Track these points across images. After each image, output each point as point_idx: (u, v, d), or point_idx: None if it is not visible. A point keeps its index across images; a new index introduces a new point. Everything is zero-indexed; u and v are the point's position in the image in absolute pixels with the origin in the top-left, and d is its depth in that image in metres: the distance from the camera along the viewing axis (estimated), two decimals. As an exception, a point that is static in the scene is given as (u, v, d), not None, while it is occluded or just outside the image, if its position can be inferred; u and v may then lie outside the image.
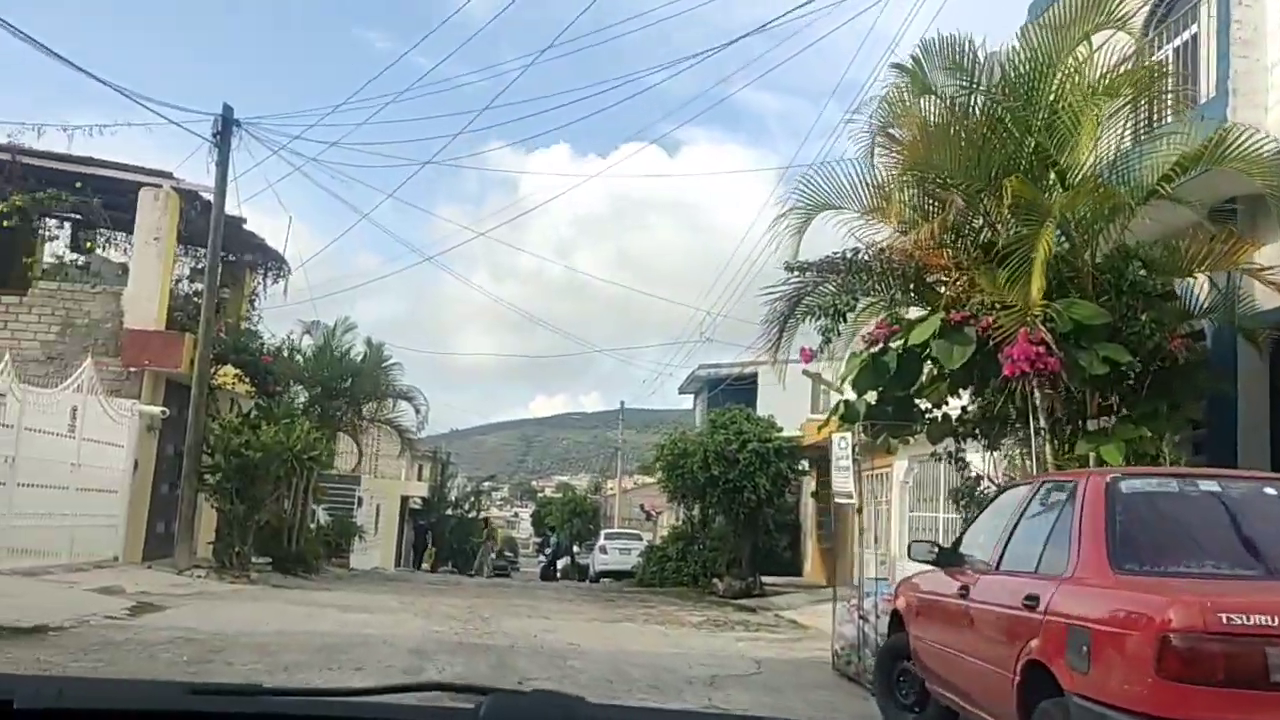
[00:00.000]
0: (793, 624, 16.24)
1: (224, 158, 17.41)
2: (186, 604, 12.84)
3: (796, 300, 10.12)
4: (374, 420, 22.53)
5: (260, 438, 17.10)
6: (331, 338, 21.32)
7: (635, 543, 33.23)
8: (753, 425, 23.28)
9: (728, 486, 22.70)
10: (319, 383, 21.25)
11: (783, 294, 10.11)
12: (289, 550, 20.97)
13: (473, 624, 13.02)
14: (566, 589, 25.33)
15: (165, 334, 17.48)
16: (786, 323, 10.23)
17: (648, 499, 68.30)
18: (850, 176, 10.29)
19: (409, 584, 21.89)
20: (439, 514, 49.34)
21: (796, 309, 10.17)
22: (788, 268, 10.08)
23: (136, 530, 17.48)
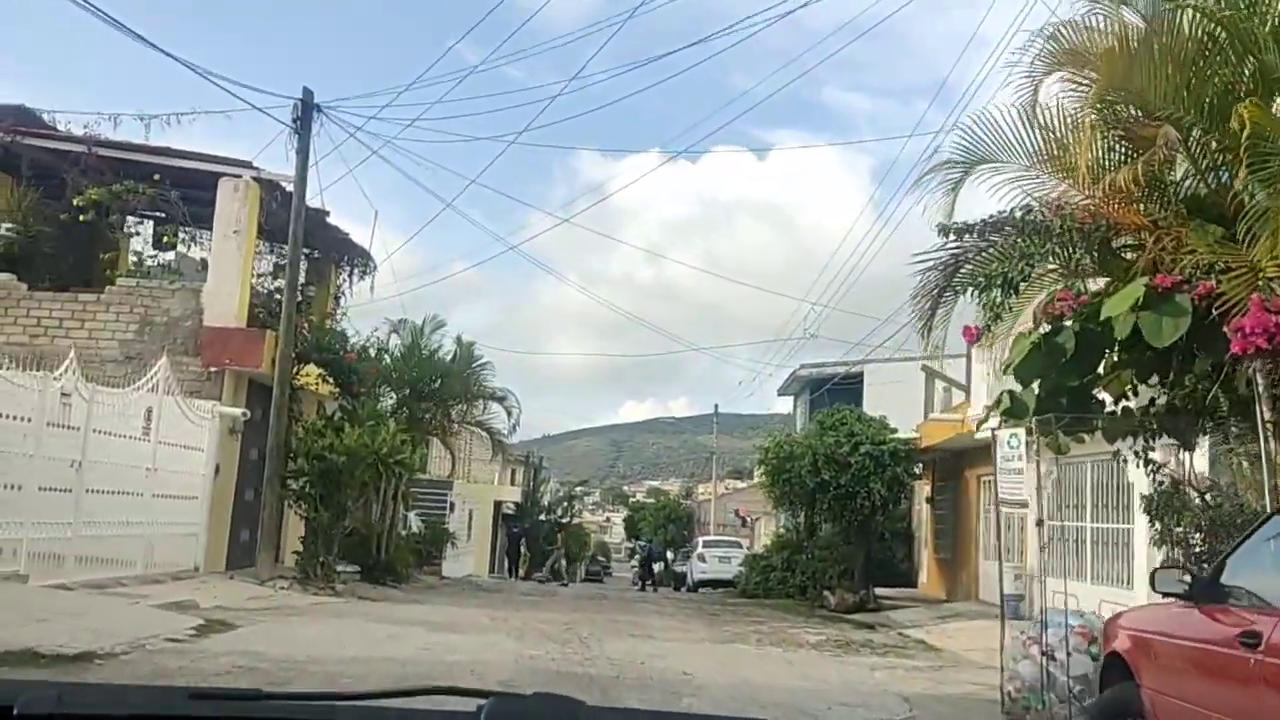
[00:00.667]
0: (924, 646, 14.37)
1: (304, 144, 16.30)
2: (260, 621, 11.60)
3: (954, 269, 8.37)
4: (464, 422, 21.30)
5: (344, 440, 15.92)
6: (419, 337, 20.15)
7: (735, 551, 31.51)
8: (865, 426, 21.43)
9: (839, 492, 20.89)
10: (407, 383, 20.08)
11: (936, 261, 8.36)
12: (377, 559, 19.81)
13: (571, 646, 11.52)
14: (666, 600, 23.76)
15: (246, 332, 16.42)
16: (941, 296, 8.48)
17: (742, 504, 66.41)
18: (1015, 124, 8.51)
19: (501, 595, 20.57)
20: (532, 519, 48.24)
21: (954, 280, 8.41)
22: (942, 230, 8.33)
23: (218, 539, 16.45)
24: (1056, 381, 8.58)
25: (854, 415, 21.86)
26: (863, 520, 21.62)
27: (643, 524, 63.05)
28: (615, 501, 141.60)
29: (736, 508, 64.87)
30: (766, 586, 25.23)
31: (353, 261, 20.82)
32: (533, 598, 20.33)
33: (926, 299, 8.48)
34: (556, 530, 31.79)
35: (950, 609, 19.54)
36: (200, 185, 16.91)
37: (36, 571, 11.92)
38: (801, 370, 31.19)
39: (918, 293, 8.46)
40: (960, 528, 21.89)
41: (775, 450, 21.80)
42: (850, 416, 21.78)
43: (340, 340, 16.95)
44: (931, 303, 8.48)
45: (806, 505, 21.93)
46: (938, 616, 18.48)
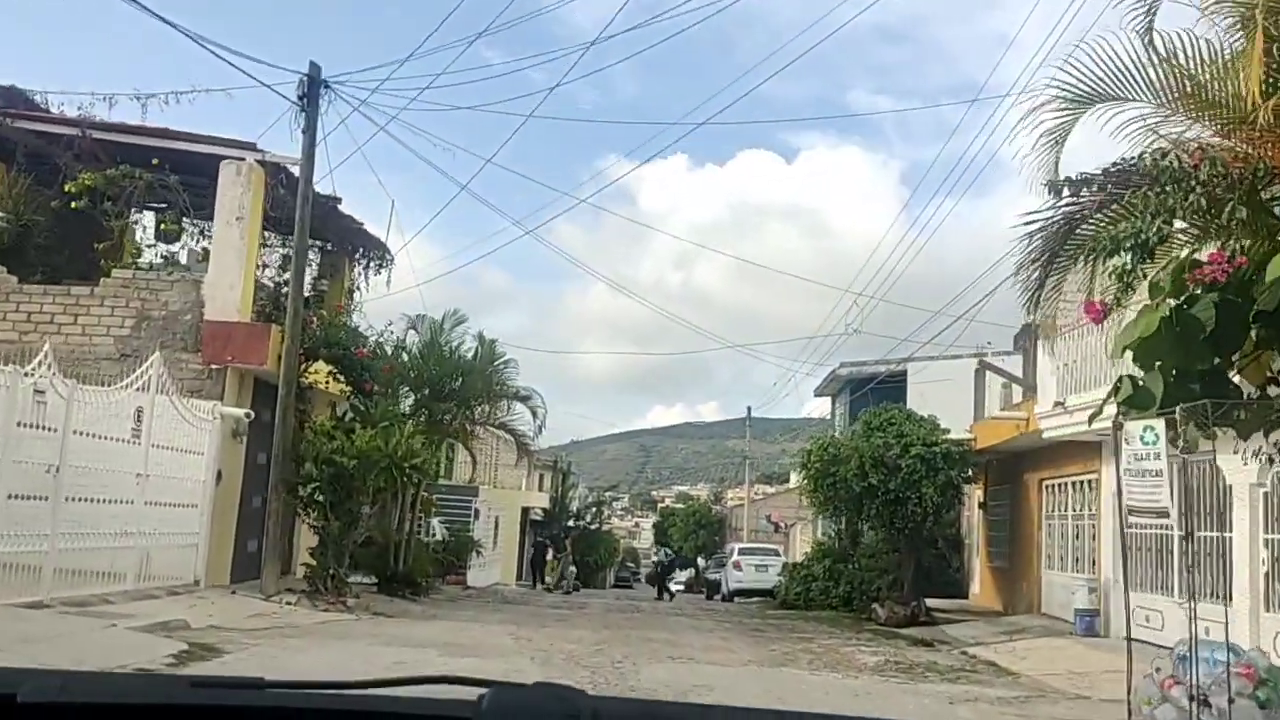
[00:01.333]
0: (995, 669, 12.76)
1: (311, 122, 14.97)
2: (255, 645, 10.21)
3: (1067, 230, 6.83)
4: (486, 424, 19.89)
5: (355, 443, 14.54)
6: (439, 333, 18.76)
7: (772, 559, 29.90)
8: (915, 427, 19.80)
9: (887, 497, 19.27)
10: (426, 383, 18.70)
11: (1045, 222, 6.81)
12: (395, 570, 18.46)
13: (604, 674, 10.05)
14: (701, 612, 22.22)
15: (249, 326, 15.09)
16: (1053, 264, 6.93)
17: (775, 510, 64.68)
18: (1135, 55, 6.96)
19: (527, 609, 19.12)
20: (560, 525, 46.83)
21: (1067, 243, 6.86)
22: (1051, 188, 6.79)
23: (221, 549, 15.11)
24: (1186, 364, 7.03)
25: (903, 415, 20.25)
26: (913, 527, 19.99)
27: (672, 530, 61.45)
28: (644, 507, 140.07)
29: (769, 513, 63.20)
30: (808, 597, 23.65)
31: (368, 254, 19.49)
32: (560, 611, 18.87)
33: (1034, 268, 6.93)
34: (564, 536, 29.89)
35: (1011, 624, 17.89)
36: (203, 171, 15.62)
37: (6, 587, 10.60)
38: (841, 369, 29.54)
39: (1023, 262, 6.93)
40: (1018, 535, 20.22)
41: (819, 453, 20.22)
42: (899, 416, 20.16)
43: (351, 335, 15.57)
44: (1040, 272, 6.93)
45: (852, 511, 20.34)
46: (1000, 633, 16.84)
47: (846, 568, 23.70)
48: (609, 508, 56.69)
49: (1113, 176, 6.58)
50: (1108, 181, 6.58)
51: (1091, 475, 16.29)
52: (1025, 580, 19.67)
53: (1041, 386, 15.72)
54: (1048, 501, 18.72)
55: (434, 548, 26.47)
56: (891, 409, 20.56)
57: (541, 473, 49.54)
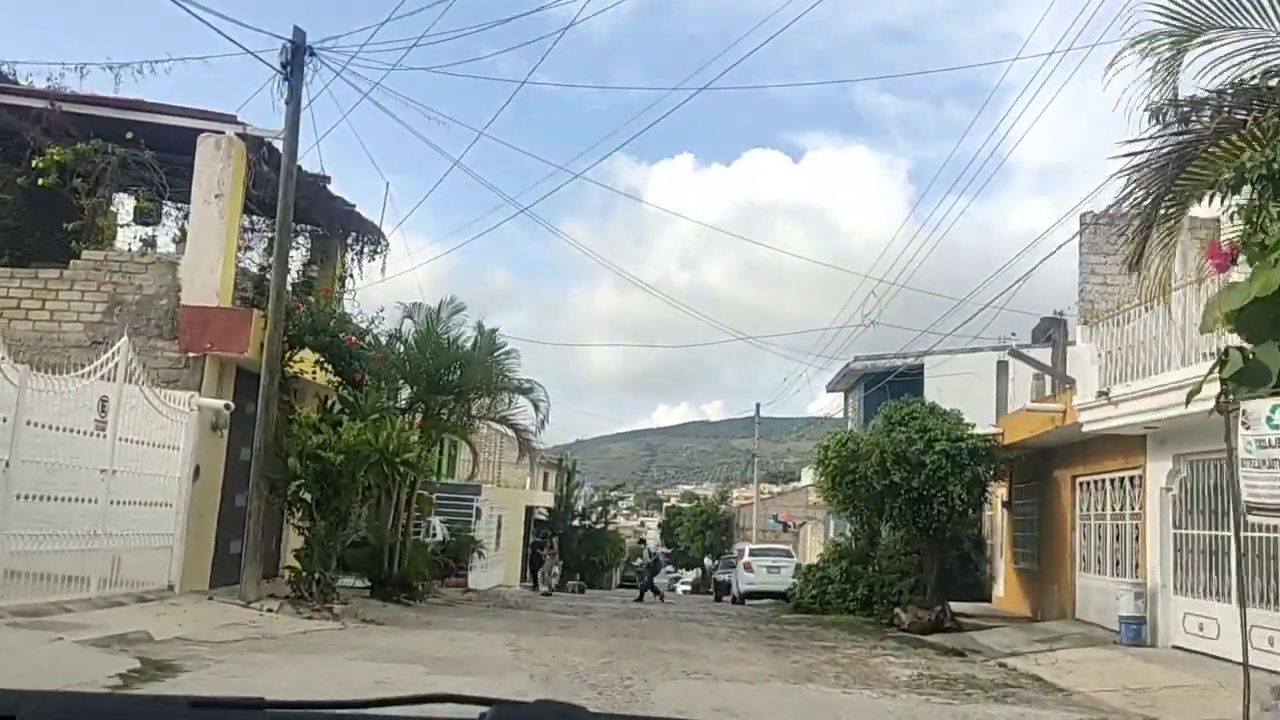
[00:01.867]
0: (1042, 684, 11.55)
1: (296, 91, 13.81)
2: (218, 662, 9.03)
3: (1180, 163, 5.61)
4: (486, 418, 18.70)
5: (343, 437, 13.38)
6: (436, 323, 17.58)
7: (785, 560, 28.69)
8: (939, 421, 18.58)
9: (910, 496, 18.06)
10: (423, 374, 17.52)
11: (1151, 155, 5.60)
12: (389, 573, 17.30)
13: (613, 693, 8.87)
14: (712, 617, 21.01)
15: (229, 311, 13.93)
16: (1158, 208, 5.72)
17: (783, 509, 63.48)
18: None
19: (528, 614, 17.93)
20: (565, 525, 45.63)
21: (1176, 183, 5.65)
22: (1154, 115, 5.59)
23: (200, 551, 13.95)
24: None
25: (925, 409, 19.02)
26: (937, 528, 18.78)
27: (679, 530, 60.30)
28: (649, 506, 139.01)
29: (776, 513, 62.01)
30: (824, 600, 22.47)
31: (362, 239, 18.34)
32: (565, 617, 17.68)
33: (1134, 216, 5.71)
34: (550, 535, 28.24)
35: (1045, 631, 16.66)
36: (181, 148, 14.43)
37: (-56, 596, 9.46)
38: (856, 363, 28.30)
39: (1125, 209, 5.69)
40: (1048, 536, 18.99)
41: (836, 449, 19.00)
42: (921, 410, 18.94)
43: (340, 322, 14.40)
44: (1143, 220, 5.71)
45: (872, 511, 19.11)
46: (1035, 641, 15.63)
47: (865, 570, 22.52)
48: (614, 507, 55.42)
49: (1231, 99, 5.40)
50: (1226, 105, 5.40)
51: (1134, 471, 15.05)
52: (1056, 584, 18.43)
53: (1081, 376, 14.50)
54: (1082, 500, 17.48)
55: (433, 549, 25.35)
56: (913, 402, 19.35)
57: (546, 471, 48.36)
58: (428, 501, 18.32)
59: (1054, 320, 19.53)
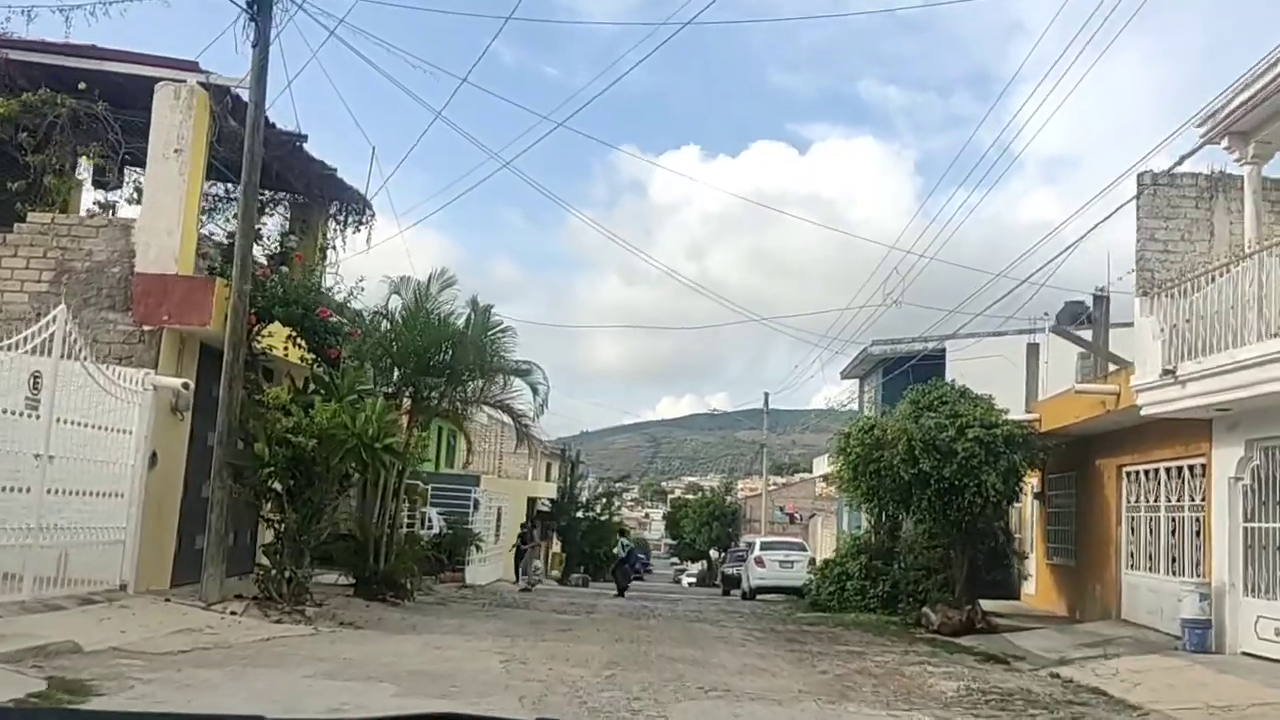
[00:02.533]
0: (1106, 699, 10.02)
1: (263, 35, 12.25)
2: (149, 680, 7.51)
3: None
4: (481, 403, 17.15)
5: (315, 419, 11.86)
6: (425, 298, 16.05)
7: (798, 554, 27.17)
8: (971, 406, 17.03)
9: (941, 486, 16.52)
10: (411, 354, 16.01)
11: None
12: (375, 569, 15.80)
13: (619, 716, 7.36)
14: (724, 615, 19.47)
15: (189, 280, 12.41)
16: None
17: (789, 501, 61.97)
18: None
19: (526, 614, 16.42)
20: (569, 517, 44.15)
21: None
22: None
23: (157, 547, 12.46)
24: None
25: (956, 392, 17.47)
26: (968, 521, 17.24)
27: (685, 522, 58.81)
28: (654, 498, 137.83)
29: (783, 505, 60.53)
30: (842, 598, 20.97)
31: (346, 208, 16.82)
32: (565, 617, 16.17)
33: None
34: (531, 526, 25.82)
35: (1090, 633, 15.12)
36: (140, 101, 12.88)
37: None
38: (873, 347, 26.71)
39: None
40: (1089, 529, 17.45)
41: (859, 437, 17.45)
42: (951, 394, 17.39)
43: (314, 293, 12.85)
44: None
45: (898, 503, 17.57)
46: (1083, 645, 14.10)
47: (886, 566, 21.04)
48: (619, 499, 53.87)
49: None
50: None
51: (1195, 459, 13.50)
52: (1098, 581, 16.90)
53: (1139, 355, 12.92)
54: (1130, 491, 15.94)
55: (429, 542, 23.87)
56: (942, 385, 17.80)
57: (549, 462, 46.90)
58: (418, 492, 16.81)
59: (1097, 298, 17.94)
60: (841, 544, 22.42)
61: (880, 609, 20.32)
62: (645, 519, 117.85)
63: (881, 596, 20.61)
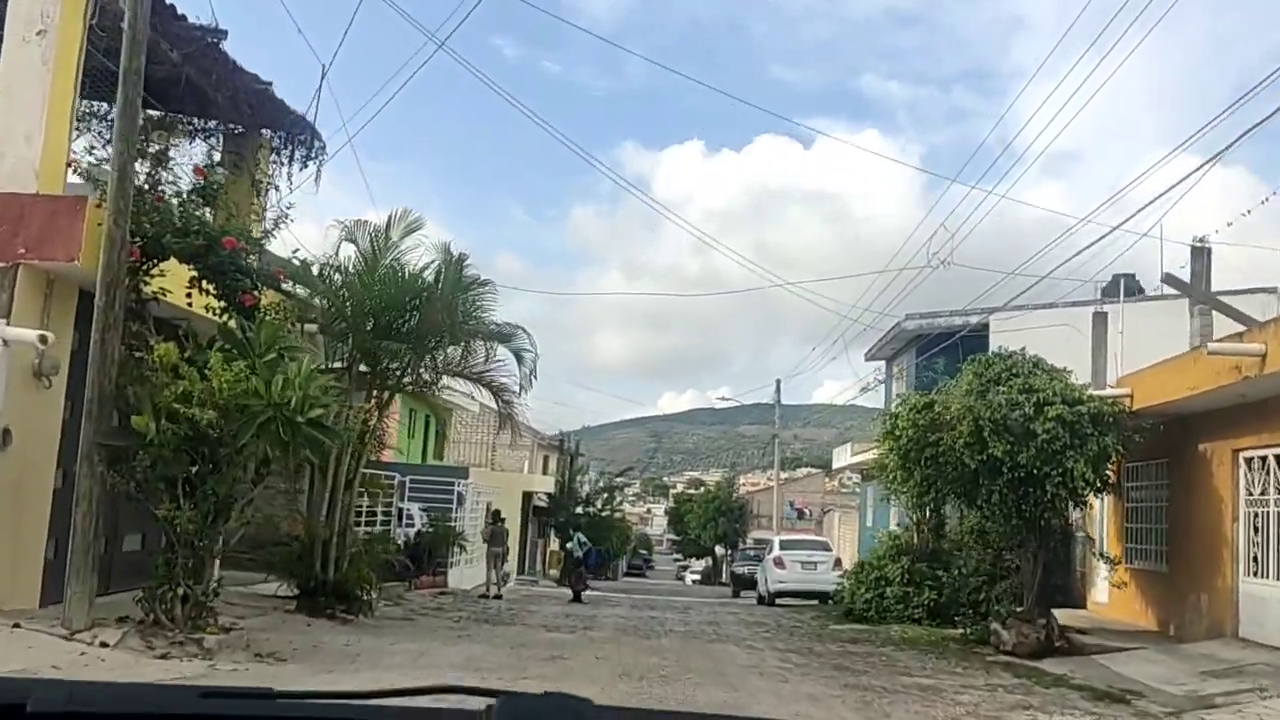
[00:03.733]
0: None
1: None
2: None
3: None
4: (454, 373, 13.92)
5: (215, 384, 8.73)
6: (384, 247, 12.91)
7: (822, 554, 23.99)
8: (1047, 379, 13.89)
9: (1017, 475, 13.38)
10: (368, 314, 12.90)
11: None
12: (322, 577, 12.68)
13: None
14: (748, 629, 16.28)
15: (52, 201, 9.27)
16: None
17: (799, 495, 58.85)
18: None
19: (512, 630, 13.28)
20: (568, 512, 41.01)
21: None
22: None
23: (14, 554, 9.33)
24: None
25: (1028, 363, 14.32)
26: (1047, 516, 14.12)
27: (689, 518, 55.70)
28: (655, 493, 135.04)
29: (792, 499, 57.46)
30: (881, 607, 17.87)
31: (292, 140, 13.69)
32: (557, 636, 13.03)
33: None
34: (494, 522, 21.43)
35: (1207, 657, 11.99)
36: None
37: None
38: (907, 322, 23.51)
39: None
40: (1188, 527, 14.30)
41: (911, 417, 14.28)
42: (1022, 364, 14.24)
43: (208, 227, 9.64)
44: None
45: (960, 496, 14.41)
46: (1206, 674, 10.96)
47: (932, 570, 17.95)
48: (620, 494, 50.70)
49: None
50: None
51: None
52: (1203, 591, 13.75)
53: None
54: (1251, 481, 12.79)
55: (404, 543, 20.75)
56: (1011, 355, 14.62)
57: (546, 454, 43.77)
58: (379, 484, 13.68)
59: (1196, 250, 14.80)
60: (879, 544, 19.27)
61: (926, 620, 17.24)
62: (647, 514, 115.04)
63: (927, 606, 17.53)
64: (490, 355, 13.84)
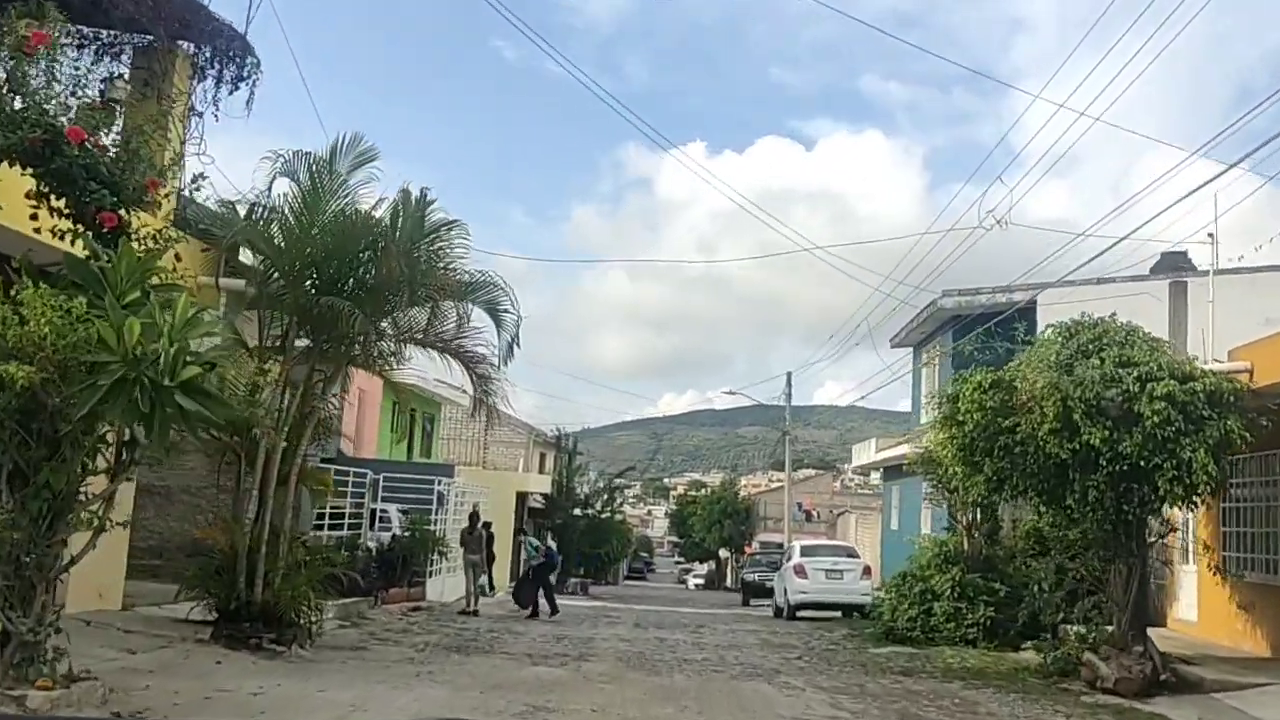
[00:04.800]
0: None
1: None
2: None
3: None
4: (415, 340, 11.00)
5: (39, 330, 5.94)
6: (329, 181, 10.14)
7: (849, 561, 21.16)
8: (1150, 351, 11.12)
9: (1119, 469, 10.59)
10: (310, 263, 10.14)
11: None
12: (248, 597, 9.89)
13: None
14: (774, 653, 13.46)
15: None
16: None
17: (806, 497, 56.02)
18: None
19: (484, 663, 10.46)
20: (565, 514, 38.20)
21: None
22: None
23: None
24: None
25: (1121, 330, 11.53)
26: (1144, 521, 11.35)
27: (693, 520, 52.90)
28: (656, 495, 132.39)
29: (799, 501, 54.65)
30: (928, 626, 15.08)
31: (219, 59, 10.92)
32: (545, 671, 10.22)
33: None
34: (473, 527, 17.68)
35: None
36: None
37: None
38: (945, 299, 20.67)
39: None
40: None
41: (976, 397, 11.46)
42: (1116, 332, 11.45)
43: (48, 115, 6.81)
44: None
45: (1044, 494, 11.56)
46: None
47: (986, 582, 15.20)
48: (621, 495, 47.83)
49: None
50: None
51: None
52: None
53: None
54: None
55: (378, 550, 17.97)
56: (1100, 322, 11.82)
57: (543, 452, 40.97)
58: (323, 480, 10.86)
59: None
60: (920, 551, 16.44)
61: (982, 641, 14.46)
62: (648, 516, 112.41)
63: (982, 625, 14.75)
64: (464, 319, 11.03)
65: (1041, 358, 11.47)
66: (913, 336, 24.14)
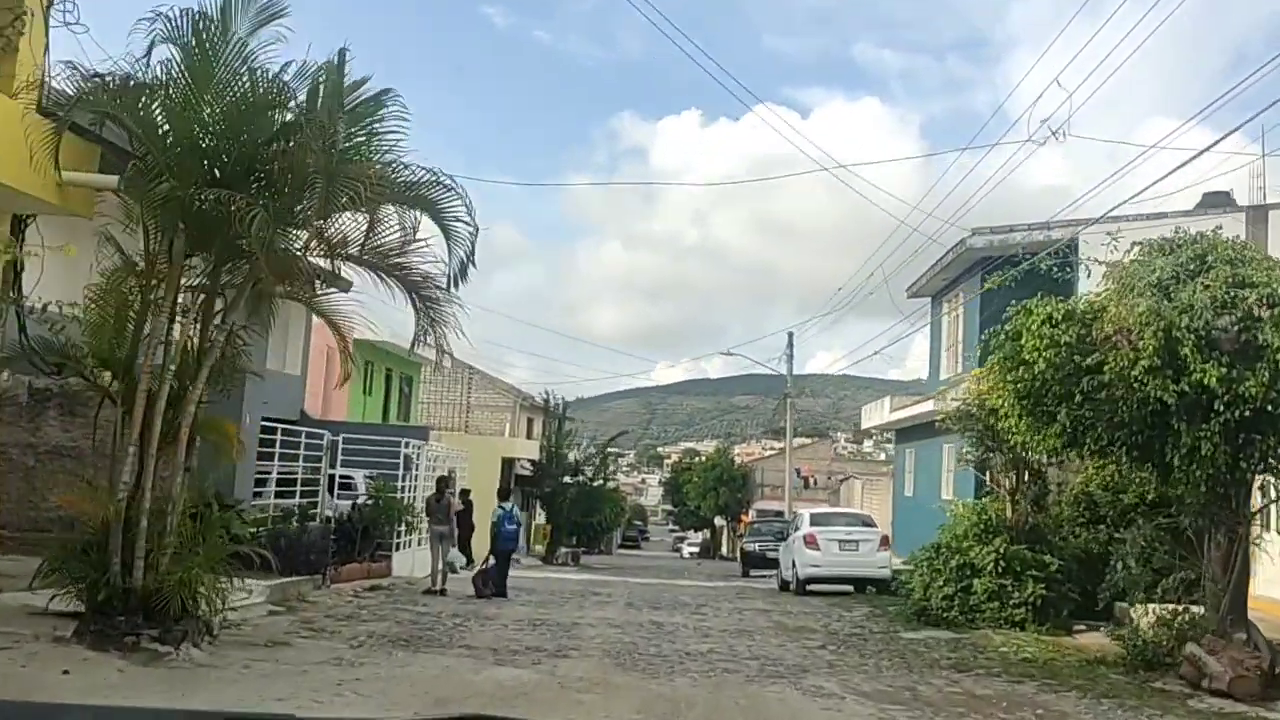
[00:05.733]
0: None
1: None
2: None
3: None
4: (346, 256, 8.49)
5: None
6: (222, 40, 7.67)
7: (864, 532, 18.85)
8: (1268, 270, 8.78)
9: (1239, 415, 8.26)
10: (203, 150, 7.70)
11: None
12: (123, 581, 7.54)
13: None
14: (796, 646, 11.15)
15: None
16: None
17: (804, 463, 53.90)
18: None
19: (438, 662, 8.13)
20: (555, 481, 35.84)
21: None
22: None
23: None
24: None
25: (1228, 245, 9.18)
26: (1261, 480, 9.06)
27: (688, 488, 50.71)
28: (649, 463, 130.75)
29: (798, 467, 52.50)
30: (967, 605, 12.83)
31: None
32: (508, 670, 7.88)
33: None
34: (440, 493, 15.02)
35: None
36: None
37: None
38: (975, 239, 18.21)
39: None
40: None
41: (1046, 332, 9.10)
42: (1222, 248, 9.09)
43: None
44: None
45: (1137, 448, 9.23)
46: None
47: (1034, 554, 12.96)
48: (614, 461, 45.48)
49: None
50: None
51: None
52: None
53: None
54: None
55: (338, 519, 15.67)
56: (1202, 237, 9.45)
57: (530, 416, 38.64)
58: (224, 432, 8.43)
59: None
60: (955, 520, 14.12)
61: (1031, 623, 12.23)
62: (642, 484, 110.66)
63: (1032, 605, 12.50)
64: (410, 232, 8.59)
65: (1134, 279, 9.11)
66: (934, 283, 21.68)
